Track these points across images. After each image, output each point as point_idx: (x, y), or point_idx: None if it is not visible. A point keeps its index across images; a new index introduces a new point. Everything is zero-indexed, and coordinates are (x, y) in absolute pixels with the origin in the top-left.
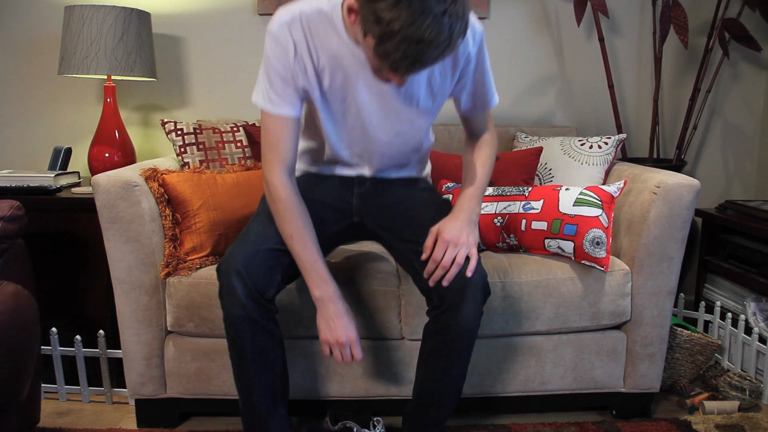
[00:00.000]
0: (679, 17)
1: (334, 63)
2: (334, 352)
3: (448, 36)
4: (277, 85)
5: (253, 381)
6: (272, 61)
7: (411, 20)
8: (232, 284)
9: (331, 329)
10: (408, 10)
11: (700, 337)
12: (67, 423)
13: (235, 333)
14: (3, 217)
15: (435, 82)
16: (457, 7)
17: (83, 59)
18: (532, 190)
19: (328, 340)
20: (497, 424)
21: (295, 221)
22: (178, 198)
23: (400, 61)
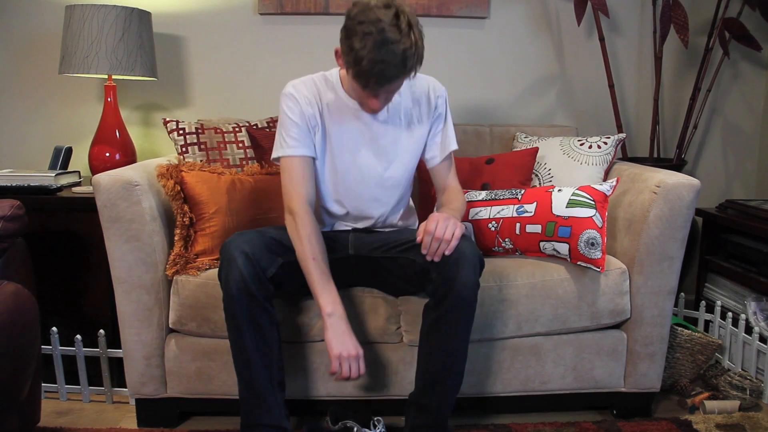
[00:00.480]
0: (679, 17)
1: (334, 114)
2: (343, 366)
3: (402, 59)
4: (293, 131)
5: (251, 357)
6: (287, 113)
7: (373, 47)
8: (234, 257)
9: (343, 343)
10: (371, 41)
11: (701, 337)
12: (67, 422)
13: (233, 307)
14: (3, 217)
15: (414, 126)
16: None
17: (84, 58)
18: (525, 193)
19: (341, 353)
20: (498, 424)
21: (317, 246)
22: (194, 199)
23: (368, 78)
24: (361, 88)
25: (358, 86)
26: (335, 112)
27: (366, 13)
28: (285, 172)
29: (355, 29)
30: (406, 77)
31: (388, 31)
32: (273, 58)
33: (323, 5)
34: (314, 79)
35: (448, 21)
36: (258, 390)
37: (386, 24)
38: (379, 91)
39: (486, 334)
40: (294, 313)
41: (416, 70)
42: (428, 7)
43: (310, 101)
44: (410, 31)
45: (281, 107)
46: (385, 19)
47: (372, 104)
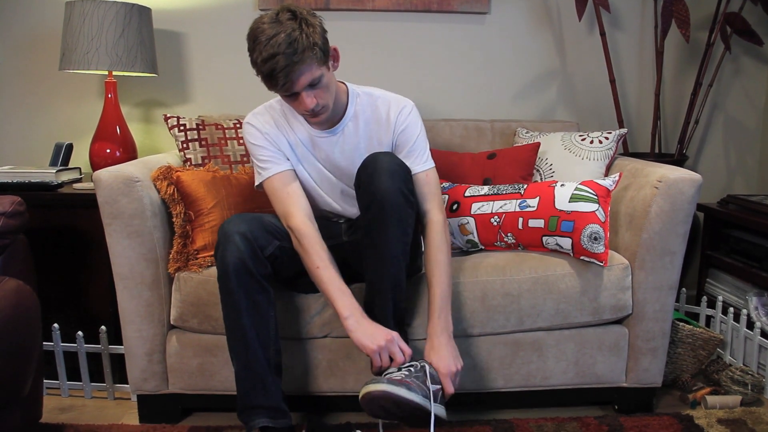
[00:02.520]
0: (680, 11)
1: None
2: (383, 356)
3: (288, 44)
4: (262, 154)
5: (248, 336)
6: (251, 141)
7: (260, 48)
8: (231, 234)
9: (373, 336)
10: (256, 45)
11: (702, 332)
12: (69, 419)
13: (230, 284)
14: (4, 213)
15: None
16: (290, 27)
17: (84, 55)
18: (527, 188)
19: (379, 344)
20: (499, 419)
21: (321, 253)
22: (192, 196)
23: (270, 77)
24: (279, 92)
25: (277, 93)
26: (298, 130)
27: (254, 24)
28: (270, 196)
29: (249, 43)
30: (307, 63)
31: (267, 28)
32: None
33: (324, 1)
34: (272, 104)
35: (448, 16)
36: (255, 372)
37: (266, 24)
38: (290, 86)
39: (488, 329)
40: (293, 309)
41: (316, 54)
42: (429, 2)
43: (271, 126)
44: (292, 20)
45: (245, 138)
46: (266, 20)
47: (301, 105)
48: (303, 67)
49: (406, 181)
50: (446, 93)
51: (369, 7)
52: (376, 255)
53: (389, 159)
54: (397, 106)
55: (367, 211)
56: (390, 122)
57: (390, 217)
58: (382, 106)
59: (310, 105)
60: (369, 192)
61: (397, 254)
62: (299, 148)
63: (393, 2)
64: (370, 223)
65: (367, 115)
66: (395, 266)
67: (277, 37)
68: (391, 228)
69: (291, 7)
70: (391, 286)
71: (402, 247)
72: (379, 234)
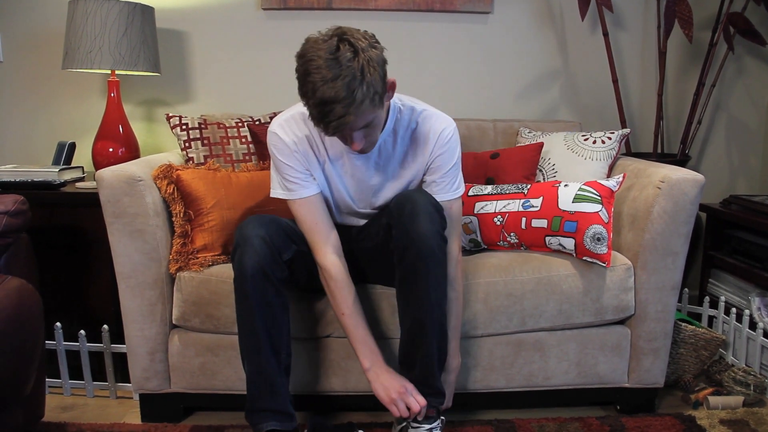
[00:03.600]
0: (683, 11)
1: (328, 147)
2: (399, 406)
3: (347, 94)
4: (290, 174)
5: (261, 340)
6: (277, 156)
7: (313, 87)
8: (250, 237)
9: (388, 387)
10: (308, 80)
11: (705, 332)
12: (71, 417)
13: (246, 287)
14: (7, 212)
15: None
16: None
17: (87, 54)
18: (531, 188)
19: (393, 397)
20: (501, 419)
21: (347, 299)
22: (192, 195)
23: (321, 121)
24: (326, 135)
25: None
26: (328, 145)
27: (308, 50)
28: (296, 218)
29: (299, 71)
30: (363, 111)
31: (324, 67)
32: (276, 53)
33: (327, 0)
34: (302, 112)
35: (451, 16)
36: (266, 376)
37: (325, 60)
38: (342, 132)
39: (490, 329)
40: (295, 309)
41: (374, 101)
42: (431, 2)
43: (302, 141)
44: (354, 60)
45: (269, 147)
46: (325, 54)
47: (353, 145)
48: (358, 118)
49: (441, 222)
50: (449, 92)
51: (371, 7)
52: (416, 301)
53: (426, 200)
54: (439, 126)
55: (404, 254)
56: (428, 143)
57: (430, 262)
58: (424, 124)
59: (359, 146)
60: (407, 235)
61: (439, 298)
62: (328, 164)
63: (395, 1)
64: (409, 268)
65: (407, 131)
66: (438, 310)
67: (335, 83)
68: (431, 273)
69: (350, 38)
70: (435, 332)
71: (442, 291)
72: (418, 279)
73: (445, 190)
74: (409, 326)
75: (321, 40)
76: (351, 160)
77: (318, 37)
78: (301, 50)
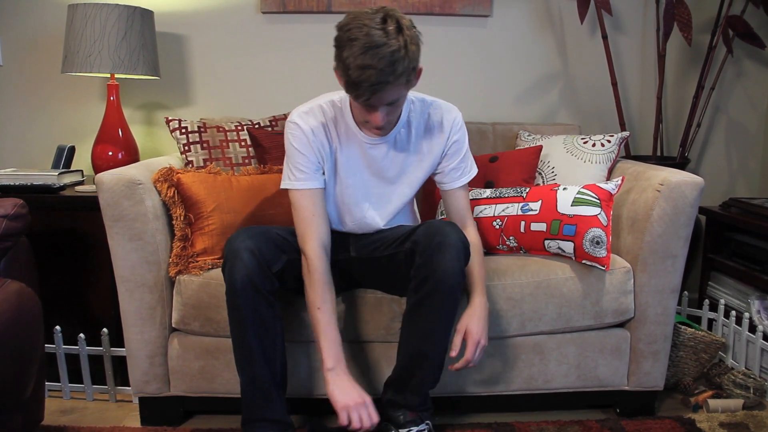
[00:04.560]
0: (682, 14)
1: (343, 141)
2: (352, 416)
3: (390, 62)
4: (300, 163)
5: (254, 352)
6: (293, 144)
7: (359, 52)
8: (239, 250)
9: (348, 394)
10: (357, 46)
11: (704, 335)
12: (70, 421)
13: (237, 300)
14: (7, 216)
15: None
16: (397, 42)
17: (86, 57)
18: (530, 191)
19: (348, 404)
20: (501, 422)
21: (325, 294)
22: (192, 198)
23: (358, 85)
24: (356, 100)
25: (354, 99)
26: (344, 138)
27: (354, 20)
28: (294, 208)
29: (341, 38)
30: (398, 85)
31: (374, 34)
32: (275, 56)
33: (326, 4)
34: (321, 105)
35: (451, 19)
36: (260, 386)
37: (372, 28)
38: (373, 101)
39: (489, 333)
40: (296, 311)
41: (409, 77)
42: (431, 5)
43: (318, 131)
44: (399, 35)
45: (287, 137)
46: (371, 23)
47: (374, 119)
48: (393, 88)
49: (466, 259)
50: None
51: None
52: (424, 332)
53: (457, 236)
54: (450, 114)
55: (423, 283)
56: (444, 131)
57: (447, 298)
58: (435, 114)
59: (381, 122)
60: (430, 267)
61: (446, 333)
62: (343, 156)
63: (394, 5)
64: (424, 299)
65: (420, 122)
66: (442, 345)
67: (381, 49)
68: (445, 309)
69: (394, 14)
70: (435, 364)
71: (450, 326)
72: (431, 312)
73: (464, 174)
74: (410, 354)
75: (366, 12)
76: (365, 150)
77: (362, 10)
78: (344, 20)
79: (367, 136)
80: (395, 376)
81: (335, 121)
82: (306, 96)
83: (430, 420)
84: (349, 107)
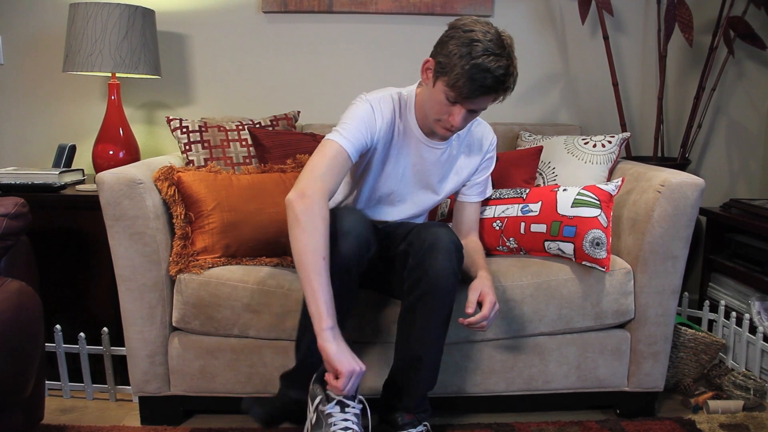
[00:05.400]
0: (683, 15)
1: (401, 139)
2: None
3: (503, 75)
4: (358, 131)
5: None
6: (359, 112)
7: (479, 54)
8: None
9: (353, 358)
10: (479, 47)
11: (705, 336)
12: (70, 420)
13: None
14: (7, 214)
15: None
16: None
17: (88, 56)
18: (530, 192)
19: (353, 369)
20: (501, 423)
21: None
22: (192, 197)
23: (467, 83)
24: (451, 100)
25: (447, 97)
26: (402, 133)
27: (471, 25)
28: (321, 154)
29: (460, 36)
30: (495, 98)
31: (494, 43)
32: (276, 56)
33: (327, 3)
34: (392, 96)
35: (452, 19)
36: None
37: (492, 38)
38: (470, 102)
39: (490, 334)
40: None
41: (505, 96)
42: (432, 5)
43: (388, 121)
44: (511, 53)
45: (356, 104)
46: (491, 34)
47: (454, 119)
48: (491, 99)
49: (459, 261)
50: None
51: (372, 10)
52: (418, 335)
53: (449, 238)
54: (489, 132)
55: (416, 285)
56: (483, 148)
57: (439, 300)
58: (477, 131)
59: (461, 123)
60: (422, 268)
61: (440, 335)
62: (395, 150)
63: (396, 5)
64: (417, 301)
65: (465, 135)
66: (437, 347)
67: (500, 60)
68: (438, 311)
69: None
70: (430, 367)
71: (445, 329)
72: (425, 313)
73: (486, 189)
74: (405, 357)
75: (482, 22)
76: (419, 152)
77: (476, 18)
78: (460, 22)
79: (425, 137)
80: (391, 379)
81: (401, 113)
82: (306, 96)
83: (428, 421)
84: (413, 106)
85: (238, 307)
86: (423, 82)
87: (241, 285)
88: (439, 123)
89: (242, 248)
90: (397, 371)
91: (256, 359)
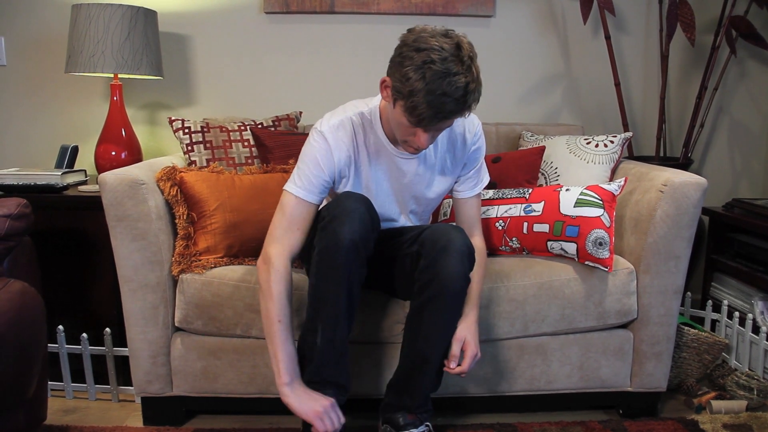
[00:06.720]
0: (685, 15)
1: (371, 155)
2: (325, 421)
3: (463, 94)
4: (314, 175)
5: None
6: (316, 155)
7: (433, 78)
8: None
9: (314, 401)
10: (431, 72)
11: (708, 336)
12: (73, 420)
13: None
14: (10, 215)
15: (447, 171)
16: (471, 73)
17: (90, 57)
18: (532, 192)
19: (318, 410)
20: (503, 423)
21: (286, 308)
22: (195, 197)
23: (424, 112)
24: (412, 124)
25: (408, 121)
26: (373, 152)
27: (425, 40)
28: (282, 212)
29: (412, 57)
30: (461, 115)
31: (450, 61)
32: (278, 57)
33: (329, 4)
34: (351, 119)
35: (453, 20)
36: (338, 348)
37: (448, 54)
38: (432, 127)
39: (492, 335)
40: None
41: (472, 110)
42: (434, 6)
43: (346, 147)
44: (472, 65)
45: (310, 144)
46: (447, 48)
47: (419, 141)
48: (453, 120)
49: (470, 264)
50: None
51: (374, 10)
52: (426, 336)
53: (462, 241)
54: (472, 124)
55: (426, 287)
56: (466, 142)
57: (449, 302)
58: (458, 125)
59: (427, 145)
60: (433, 270)
61: (448, 337)
62: (371, 169)
63: (398, 5)
64: (428, 303)
65: (443, 135)
66: (444, 348)
67: (459, 79)
68: (448, 313)
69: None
70: (436, 367)
71: (452, 331)
72: (433, 315)
73: (478, 183)
74: (412, 358)
75: (437, 33)
76: (396, 164)
77: (429, 28)
78: (415, 36)
79: (397, 150)
80: (396, 379)
81: (365, 134)
82: (307, 96)
83: (429, 422)
84: (379, 120)
85: (241, 307)
86: (384, 99)
87: (243, 285)
88: (406, 143)
89: (245, 248)
90: (402, 371)
91: (259, 359)
